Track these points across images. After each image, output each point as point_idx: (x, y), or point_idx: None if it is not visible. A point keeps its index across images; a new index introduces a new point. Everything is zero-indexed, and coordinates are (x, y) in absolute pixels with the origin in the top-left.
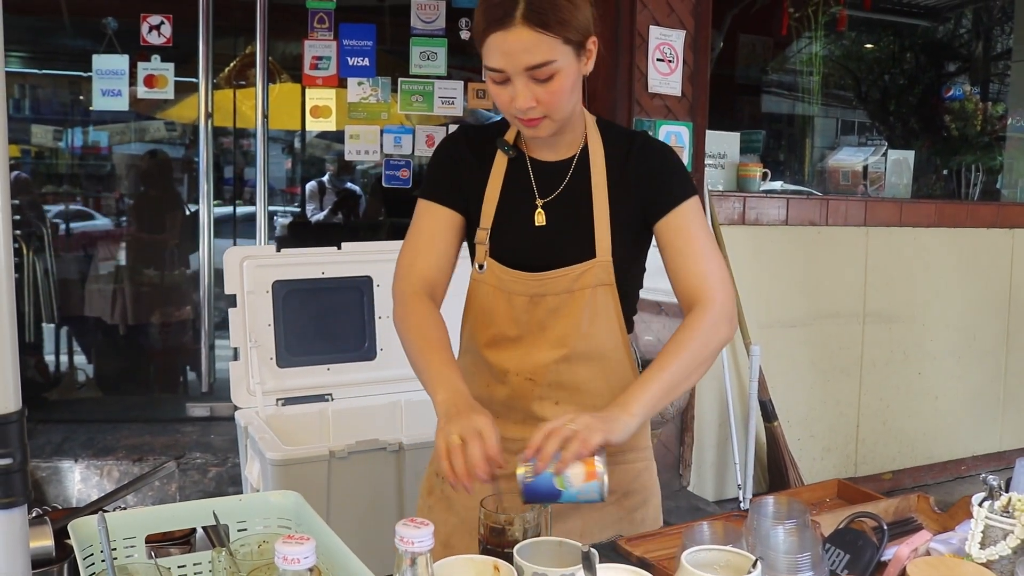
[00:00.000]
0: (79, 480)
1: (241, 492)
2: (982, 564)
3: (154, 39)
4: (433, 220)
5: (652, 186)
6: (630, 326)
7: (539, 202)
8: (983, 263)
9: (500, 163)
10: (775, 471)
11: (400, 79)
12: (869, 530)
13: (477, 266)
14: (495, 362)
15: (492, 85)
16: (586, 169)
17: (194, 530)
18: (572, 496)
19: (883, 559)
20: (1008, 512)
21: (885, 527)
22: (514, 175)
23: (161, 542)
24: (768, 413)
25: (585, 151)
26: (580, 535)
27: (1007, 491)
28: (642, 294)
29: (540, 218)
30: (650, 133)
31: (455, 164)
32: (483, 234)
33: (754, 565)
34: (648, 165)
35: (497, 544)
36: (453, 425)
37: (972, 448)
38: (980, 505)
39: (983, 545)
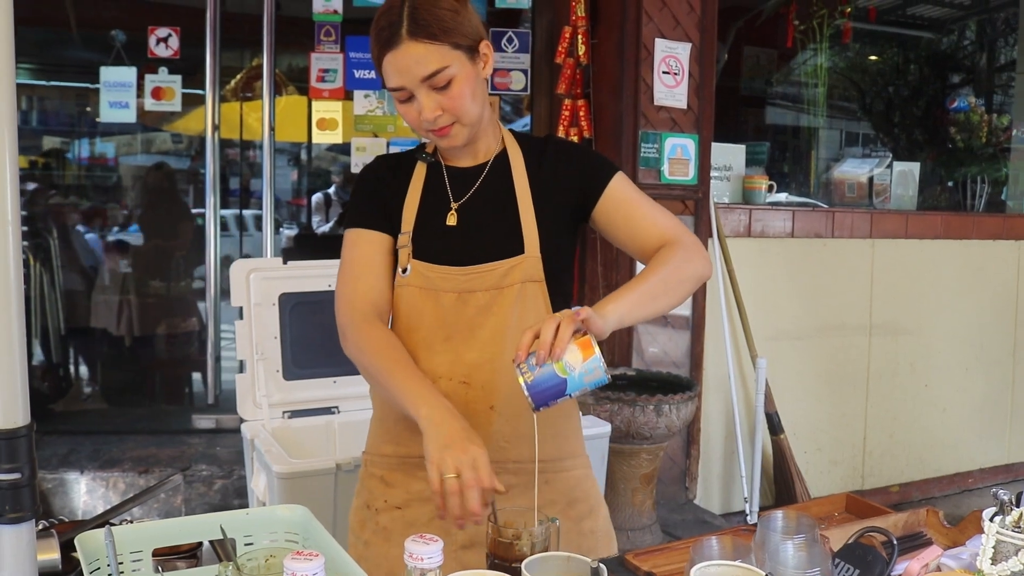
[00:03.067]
0: (85, 492)
1: (247, 504)
2: None
3: (162, 51)
4: (366, 245)
5: (577, 177)
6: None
7: (453, 205)
8: (989, 275)
9: (419, 173)
10: (782, 484)
11: None
12: (879, 545)
13: (401, 270)
14: (425, 369)
15: (399, 105)
16: (504, 171)
17: (200, 543)
18: (579, 382)
19: (893, 574)
20: (1019, 527)
21: (895, 542)
22: (431, 182)
23: (168, 555)
24: (774, 426)
25: (502, 156)
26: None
27: (1018, 505)
28: None
29: (452, 219)
30: (654, 145)
31: (375, 187)
32: (404, 238)
33: None
34: (566, 159)
35: (504, 558)
36: (448, 458)
37: (980, 461)
38: (991, 520)
39: (994, 561)
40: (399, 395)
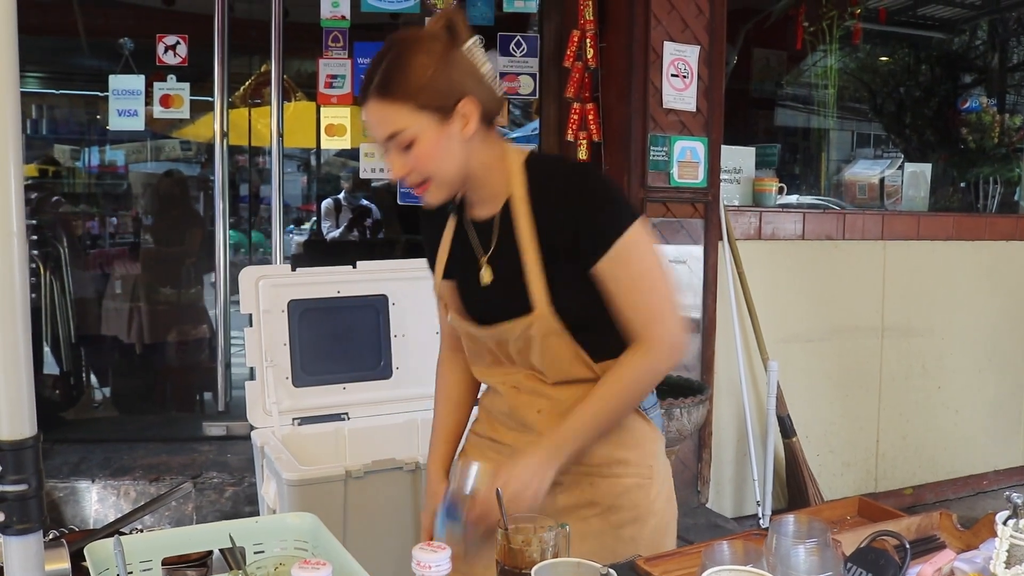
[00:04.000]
0: (96, 500)
1: (258, 511)
2: None
3: (170, 59)
4: (439, 296)
5: (582, 229)
6: (612, 352)
7: (483, 260)
8: (1002, 276)
9: (451, 223)
10: (794, 487)
11: None
12: (891, 549)
13: (448, 316)
14: (492, 379)
15: (385, 156)
16: (510, 222)
17: (211, 552)
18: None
19: None
20: None
21: (907, 546)
22: (460, 233)
23: (178, 564)
24: (786, 429)
25: (508, 204)
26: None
27: None
28: None
29: (487, 275)
30: (664, 148)
31: (425, 239)
32: (440, 289)
33: None
34: (572, 206)
35: (514, 565)
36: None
37: (993, 463)
38: (1004, 524)
39: (1008, 564)
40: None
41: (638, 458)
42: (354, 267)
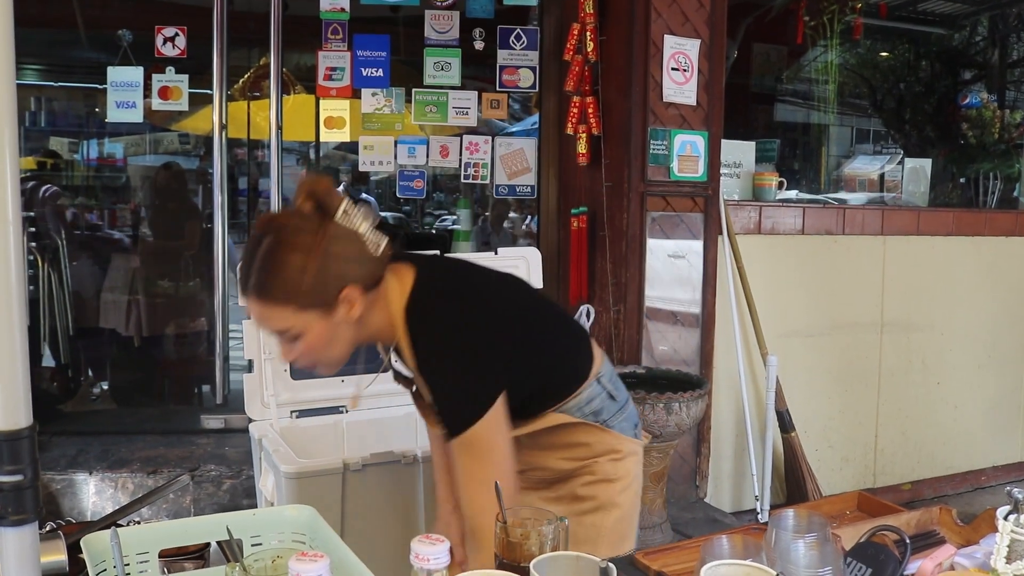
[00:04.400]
0: (94, 493)
1: (256, 504)
2: None
3: (168, 51)
4: None
5: (439, 409)
6: (562, 395)
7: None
8: (1002, 272)
9: None
10: (793, 482)
11: (414, 89)
12: (891, 544)
13: None
14: None
15: None
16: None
17: (208, 544)
18: None
19: (906, 573)
20: None
21: (907, 541)
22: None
23: (176, 556)
24: (785, 424)
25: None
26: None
27: None
28: (658, 304)
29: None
30: (664, 142)
31: None
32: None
33: None
34: (432, 386)
35: (513, 559)
36: None
37: (992, 458)
38: (1005, 519)
39: (1009, 559)
40: None
41: (598, 465)
42: None
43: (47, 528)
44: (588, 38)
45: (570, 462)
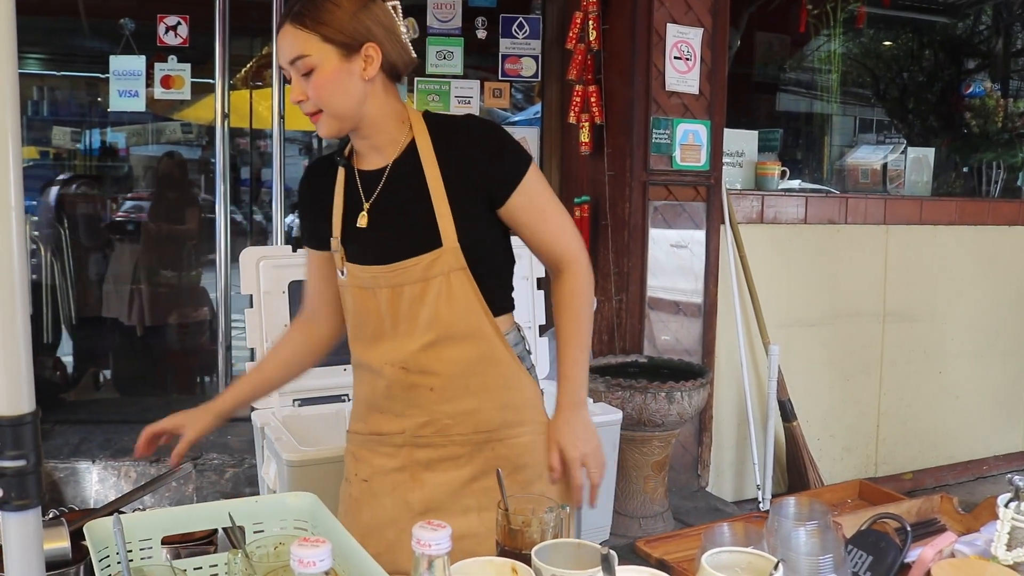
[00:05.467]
0: (96, 481)
1: (258, 492)
2: (1009, 566)
3: (171, 40)
4: (308, 262)
5: (489, 170)
6: (502, 307)
7: (365, 206)
8: (1005, 261)
9: (341, 177)
10: (794, 471)
11: (416, 78)
12: (892, 531)
13: (339, 272)
14: (373, 358)
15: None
16: (414, 165)
17: (215, 531)
18: None
19: (906, 561)
20: None
21: (908, 528)
22: (349, 186)
23: (183, 542)
24: (787, 413)
25: (409, 150)
26: (478, 511)
27: None
28: (660, 294)
29: (362, 221)
30: (666, 131)
31: (304, 206)
32: (335, 242)
33: (776, 567)
34: (480, 148)
35: (514, 546)
36: (175, 415)
37: (993, 448)
38: (1006, 506)
39: (1010, 547)
40: None
41: (529, 415)
42: None
43: (50, 515)
44: (591, 27)
45: (502, 410)
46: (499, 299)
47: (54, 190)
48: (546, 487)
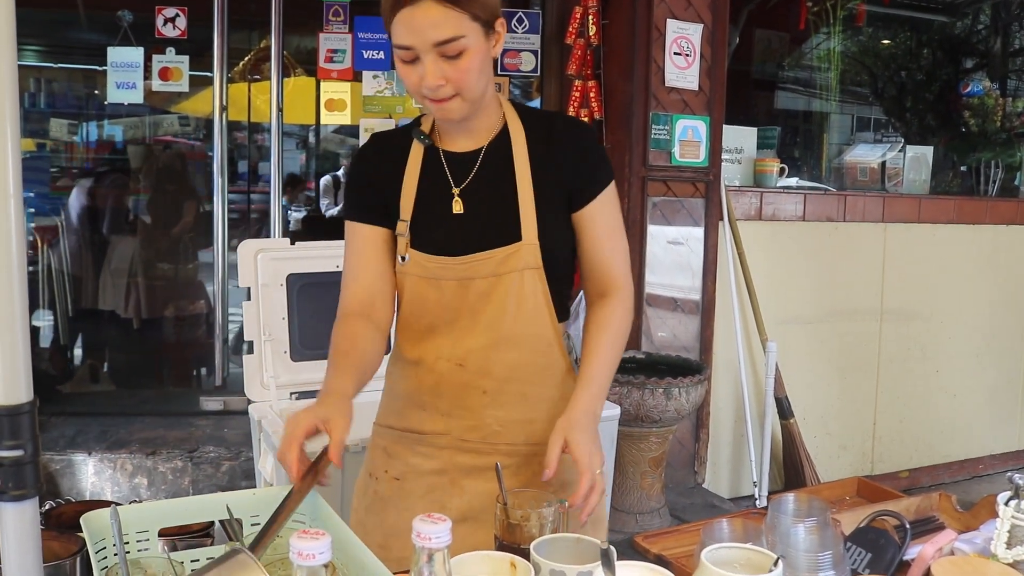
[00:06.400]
0: (92, 473)
1: (254, 486)
2: (1008, 564)
3: (169, 32)
4: (360, 240)
5: (577, 171)
6: (564, 313)
7: (455, 190)
8: (1002, 260)
9: (416, 155)
10: (791, 469)
11: None
12: (891, 529)
13: (400, 258)
14: (427, 351)
15: (401, 66)
16: (505, 154)
17: (212, 524)
18: None
19: (905, 558)
20: None
21: (907, 526)
22: (429, 167)
23: (180, 535)
24: (784, 410)
25: (502, 137)
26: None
27: None
28: (659, 291)
29: (457, 206)
30: (665, 127)
31: (367, 177)
32: (403, 225)
33: (775, 563)
34: (572, 148)
35: (512, 540)
36: (305, 411)
37: (990, 447)
38: (1006, 504)
39: (1009, 545)
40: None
41: None
42: None
43: (47, 506)
44: (590, 22)
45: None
46: (560, 305)
47: (52, 182)
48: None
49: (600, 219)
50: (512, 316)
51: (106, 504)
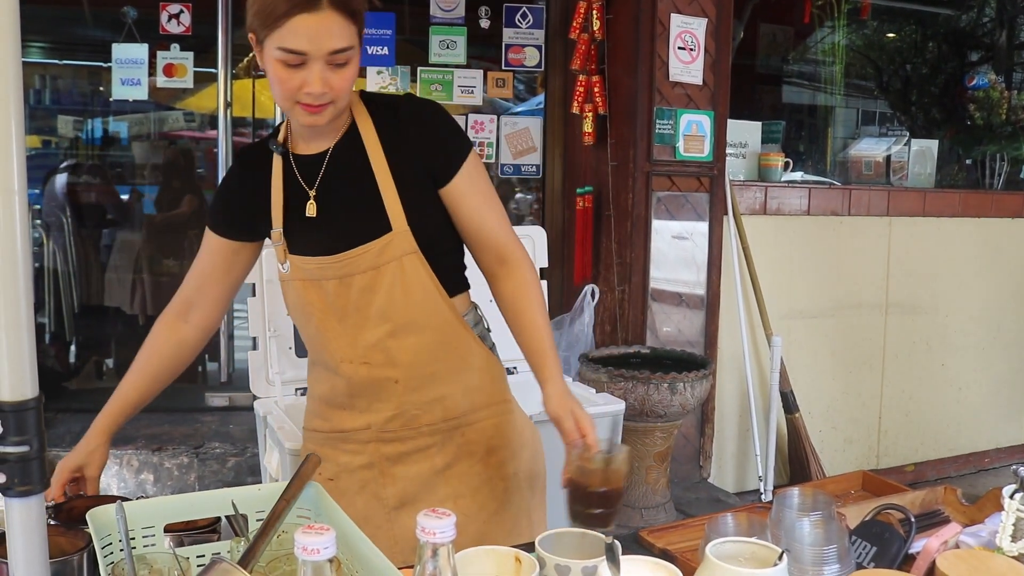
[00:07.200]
0: None
1: (260, 481)
2: (1014, 557)
3: (173, 28)
4: (205, 247)
5: (431, 150)
6: (457, 288)
7: (311, 193)
8: (1008, 253)
9: (277, 166)
10: (796, 463)
11: (419, 68)
12: (896, 522)
13: (280, 266)
14: (329, 355)
15: (281, 69)
16: (356, 147)
17: (218, 519)
18: None
19: (910, 552)
20: None
21: (912, 519)
22: (288, 173)
23: (186, 530)
24: (789, 404)
25: (350, 133)
26: (454, 499)
27: None
28: (663, 285)
29: (311, 209)
30: (670, 122)
31: (229, 193)
32: (277, 234)
33: (780, 558)
34: (420, 125)
35: (586, 484)
36: (65, 460)
37: (996, 440)
38: (1011, 497)
39: (1015, 538)
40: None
41: (493, 394)
42: None
43: (51, 503)
44: (594, 16)
45: (466, 394)
46: (453, 280)
47: (57, 179)
48: (518, 466)
49: (470, 190)
50: (402, 304)
51: (113, 500)
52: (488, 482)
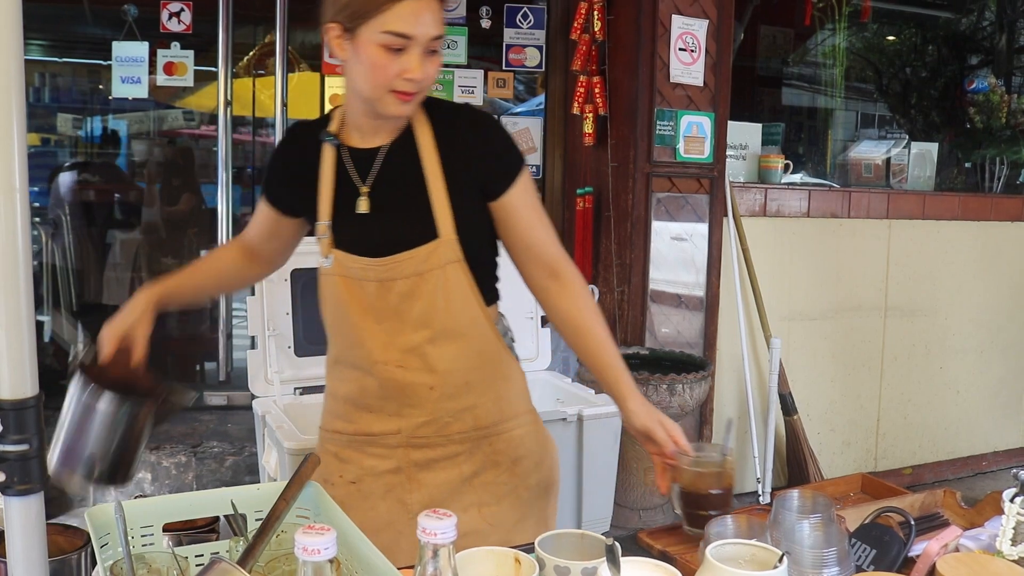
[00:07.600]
0: None
1: (258, 481)
2: (1014, 561)
3: (174, 26)
4: (260, 212)
5: (487, 163)
6: (492, 298)
7: (363, 190)
8: (1007, 257)
9: (328, 156)
10: (794, 465)
11: None
12: (895, 525)
13: (323, 258)
14: (362, 355)
15: (382, 55)
16: (411, 149)
17: (217, 519)
18: None
19: (910, 555)
20: None
21: (912, 522)
22: (340, 166)
23: (185, 530)
24: (788, 406)
25: (407, 133)
26: (479, 508)
27: None
28: (662, 287)
29: (363, 206)
30: (670, 123)
31: (280, 169)
32: (323, 227)
33: (780, 560)
34: (479, 141)
35: (696, 488)
36: (113, 324)
37: (994, 443)
38: (1011, 501)
39: (1015, 541)
40: None
41: (522, 405)
42: None
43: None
44: (595, 17)
45: (497, 403)
46: (489, 290)
47: (57, 177)
48: (540, 476)
49: (523, 206)
50: (443, 311)
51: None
52: (513, 491)
